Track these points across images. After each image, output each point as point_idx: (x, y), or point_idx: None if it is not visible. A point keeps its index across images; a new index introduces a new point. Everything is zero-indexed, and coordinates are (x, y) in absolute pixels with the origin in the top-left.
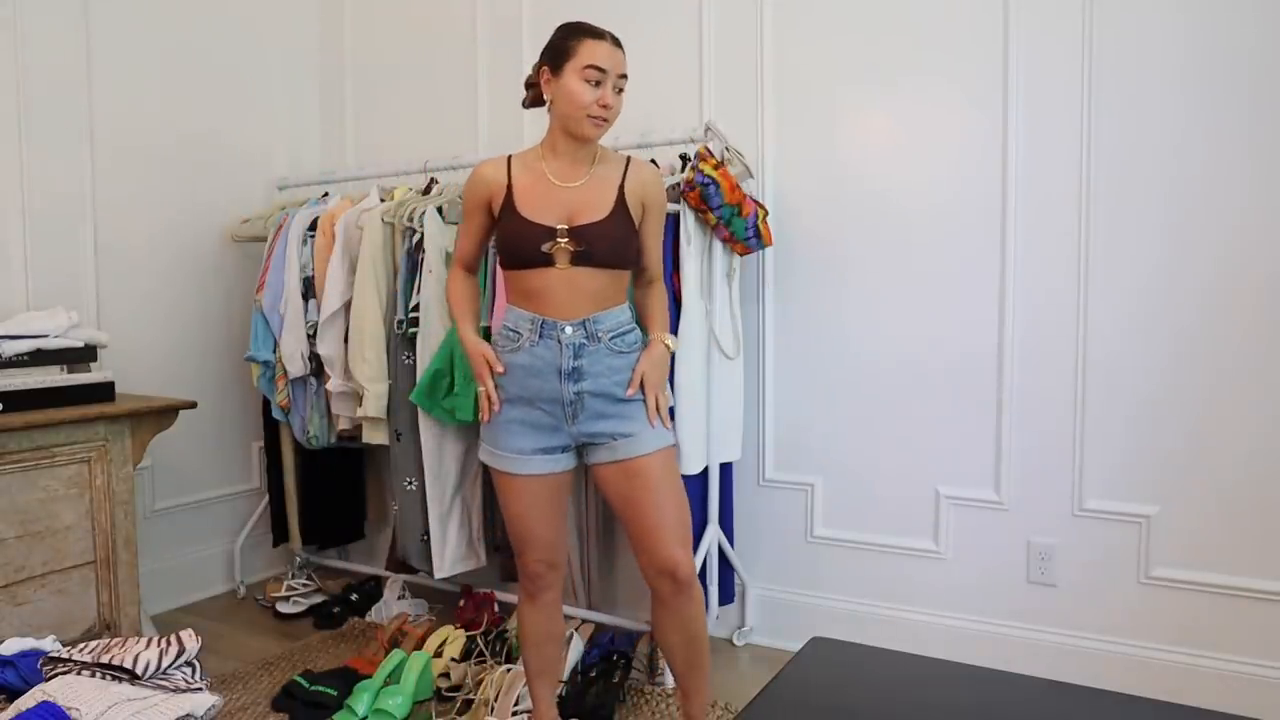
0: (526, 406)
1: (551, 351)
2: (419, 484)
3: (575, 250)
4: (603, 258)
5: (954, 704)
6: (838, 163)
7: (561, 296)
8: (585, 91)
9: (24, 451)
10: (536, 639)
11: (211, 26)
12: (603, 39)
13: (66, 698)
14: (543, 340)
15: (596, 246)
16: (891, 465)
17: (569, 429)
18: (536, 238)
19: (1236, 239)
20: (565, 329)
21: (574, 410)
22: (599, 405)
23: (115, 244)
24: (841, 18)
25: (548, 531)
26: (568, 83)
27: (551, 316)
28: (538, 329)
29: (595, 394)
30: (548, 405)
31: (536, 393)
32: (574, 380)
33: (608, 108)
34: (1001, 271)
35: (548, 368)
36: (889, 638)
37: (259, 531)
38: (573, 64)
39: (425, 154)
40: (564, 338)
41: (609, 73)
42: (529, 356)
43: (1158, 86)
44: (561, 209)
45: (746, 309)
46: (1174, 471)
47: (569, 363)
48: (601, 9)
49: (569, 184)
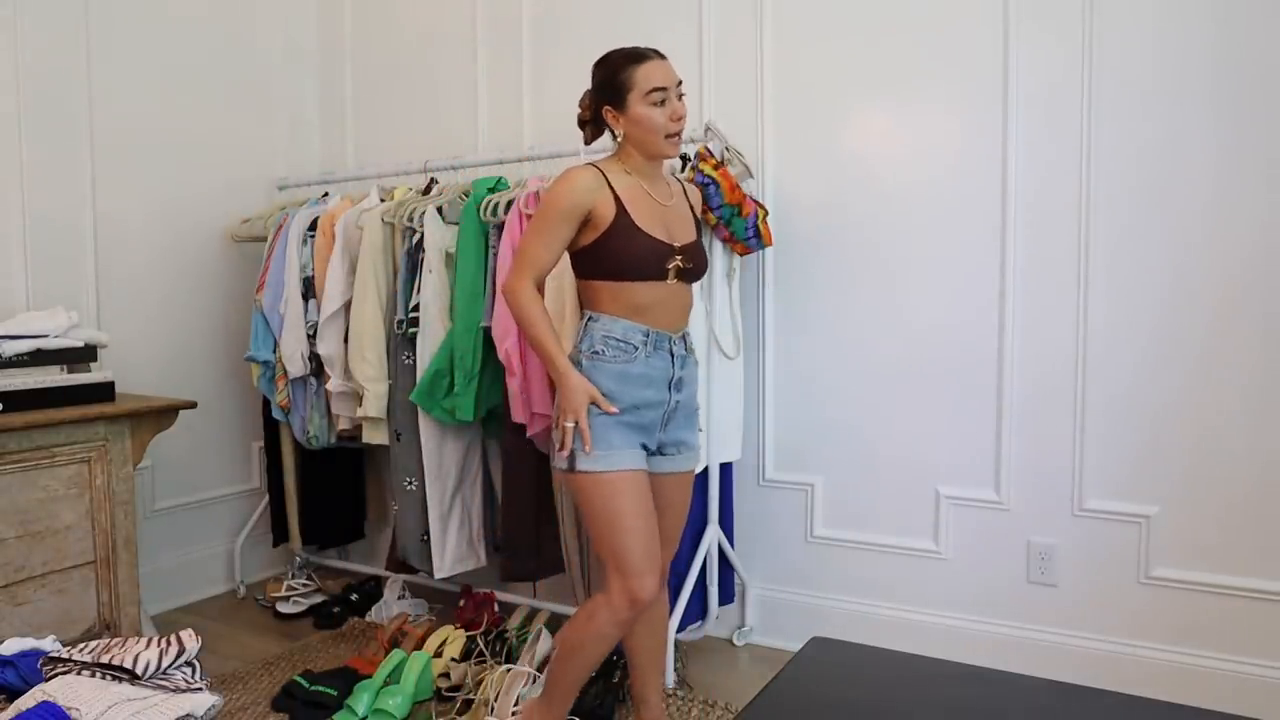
0: (635, 412)
1: (665, 363)
2: (419, 484)
3: (685, 267)
4: (697, 274)
5: (954, 704)
6: (838, 163)
7: (667, 310)
8: (656, 114)
9: (24, 451)
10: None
11: (211, 26)
12: (651, 59)
13: (66, 698)
14: (657, 352)
15: (697, 264)
16: (891, 465)
17: (659, 434)
18: (661, 253)
19: (1236, 239)
20: (676, 341)
21: (668, 417)
22: (684, 415)
23: (115, 244)
24: (841, 19)
25: (654, 527)
26: (637, 111)
27: (661, 329)
28: (651, 341)
29: (685, 404)
30: (652, 411)
31: (647, 400)
32: (677, 390)
33: (681, 119)
34: (1001, 272)
35: (661, 378)
36: (889, 638)
37: (259, 531)
38: (635, 94)
39: (425, 154)
40: (675, 349)
41: (670, 88)
42: (645, 367)
43: (1158, 89)
44: (663, 227)
45: (746, 309)
46: (1174, 471)
47: (676, 373)
48: (602, 10)
49: (666, 202)
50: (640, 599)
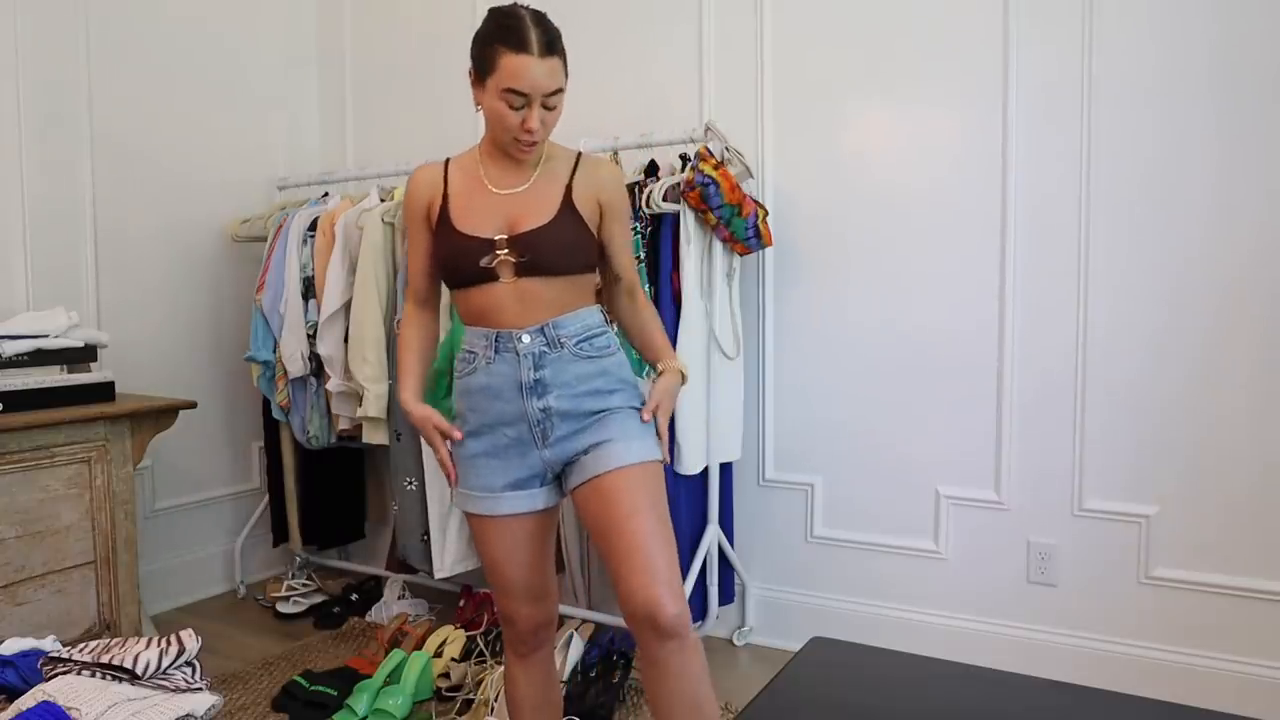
0: (490, 435)
1: (510, 365)
2: (419, 484)
3: (519, 261)
4: (551, 264)
5: (954, 704)
6: (838, 163)
7: (514, 310)
8: (507, 116)
9: (24, 451)
10: (531, 704)
11: (211, 27)
12: (527, 52)
13: (66, 698)
14: (499, 354)
15: (543, 253)
16: (891, 465)
17: (540, 453)
18: (474, 252)
19: (1236, 238)
20: (522, 338)
21: (543, 431)
22: (571, 422)
23: (115, 244)
24: (841, 19)
25: (533, 580)
26: (489, 100)
27: (506, 328)
28: (493, 343)
29: (565, 411)
30: (512, 429)
31: (499, 416)
32: (538, 395)
33: (532, 132)
34: (1001, 272)
35: (507, 385)
36: (889, 638)
37: (259, 531)
38: (494, 80)
39: (425, 154)
40: (521, 347)
41: (532, 97)
42: (486, 376)
43: (1158, 88)
44: (501, 218)
45: (746, 309)
46: (1174, 471)
47: (530, 375)
48: (602, 10)
49: (509, 190)
50: (513, 630)
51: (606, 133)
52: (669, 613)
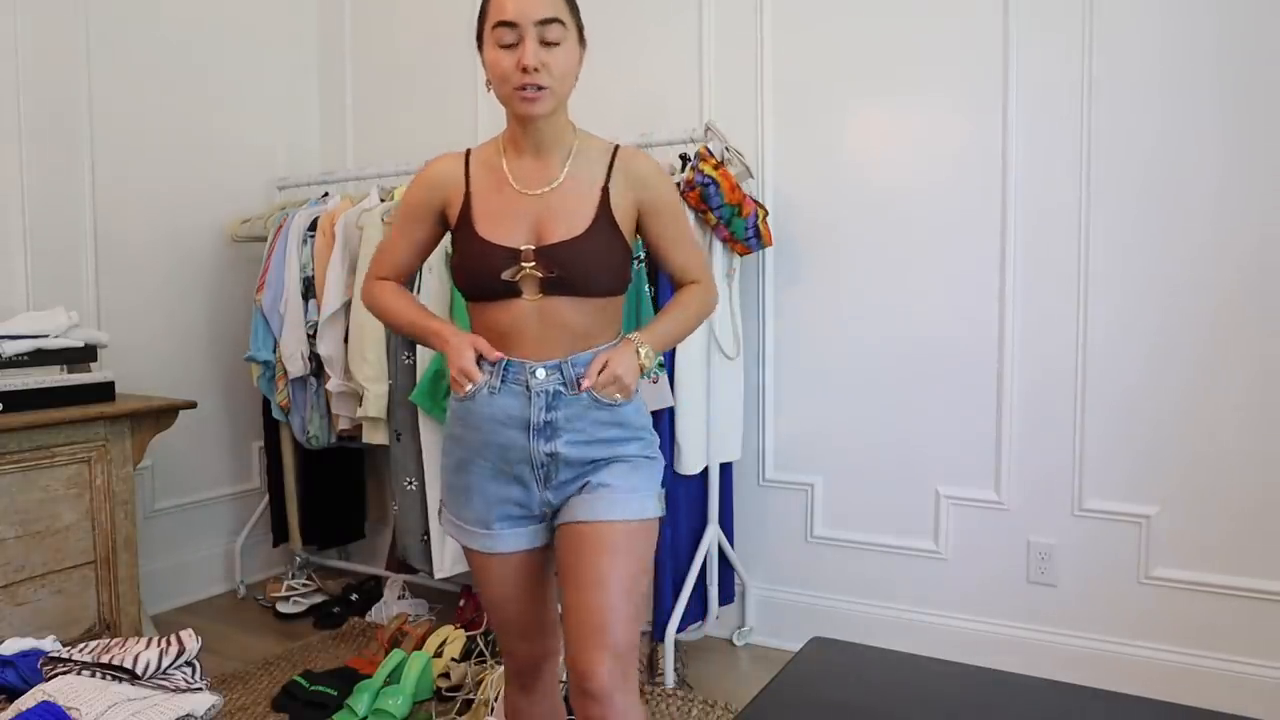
0: (484, 463)
1: (518, 400)
2: (419, 484)
3: (545, 277)
4: (582, 284)
5: (954, 704)
6: (838, 163)
7: (532, 334)
8: (502, 59)
9: (24, 451)
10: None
11: (211, 26)
12: None
13: (66, 698)
14: (506, 385)
15: (573, 271)
16: (891, 465)
17: (540, 494)
18: (496, 263)
19: (1237, 238)
20: (537, 372)
21: (546, 473)
22: (576, 468)
23: (115, 244)
24: (841, 18)
25: (534, 617)
26: (488, 56)
27: (520, 357)
28: (500, 372)
29: (573, 459)
30: (512, 466)
31: (500, 453)
32: (545, 438)
33: (530, 71)
34: (1001, 271)
35: (513, 421)
36: (889, 638)
37: (259, 531)
38: (486, 29)
39: (425, 154)
40: (534, 384)
41: (524, 27)
42: (489, 407)
43: (1159, 86)
44: (528, 224)
45: (746, 309)
46: (1174, 471)
47: (540, 415)
48: (602, 10)
49: (536, 190)
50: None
51: (606, 132)
52: (599, 683)
